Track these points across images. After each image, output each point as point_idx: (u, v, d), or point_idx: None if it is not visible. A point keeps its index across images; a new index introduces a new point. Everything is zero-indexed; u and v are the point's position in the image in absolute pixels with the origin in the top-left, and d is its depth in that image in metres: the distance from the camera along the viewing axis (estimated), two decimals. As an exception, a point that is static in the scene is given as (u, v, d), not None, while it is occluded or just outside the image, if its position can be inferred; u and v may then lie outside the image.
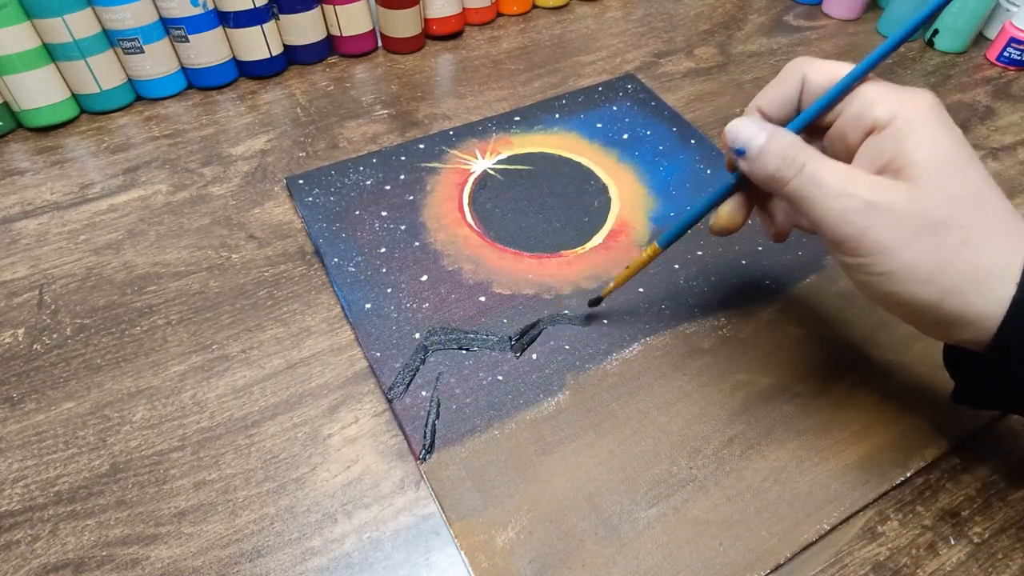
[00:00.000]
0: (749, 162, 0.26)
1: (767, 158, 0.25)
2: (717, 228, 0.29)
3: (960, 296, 0.23)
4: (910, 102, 0.24)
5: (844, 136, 0.26)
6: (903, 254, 0.23)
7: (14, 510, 0.29)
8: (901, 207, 0.23)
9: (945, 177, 0.23)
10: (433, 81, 0.54)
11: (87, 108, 0.50)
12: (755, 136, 0.25)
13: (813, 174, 0.24)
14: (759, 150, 0.25)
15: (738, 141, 0.26)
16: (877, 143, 0.24)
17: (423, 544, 0.29)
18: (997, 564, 0.29)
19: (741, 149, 0.26)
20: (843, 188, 0.23)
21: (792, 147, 0.24)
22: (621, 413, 0.32)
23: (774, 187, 0.25)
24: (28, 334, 0.36)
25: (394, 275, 0.38)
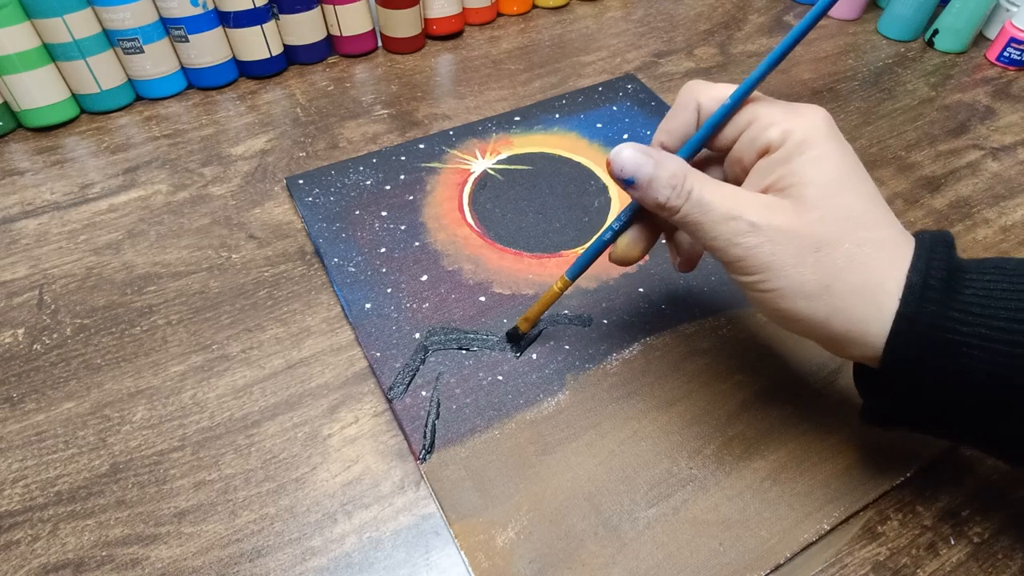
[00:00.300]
0: (639, 191, 0.25)
1: (657, 187, 0.24)
2: (616, 258, 0.29)
3: (847, 313, 0.23)
4: (802, 121, 0.24)
5: (741, 160, 0.26)
6: (788, 271, 0.23)
7: (14, 510, 0.29)
8: (785, 226, 0.23)
9: (830, 195, 0.23)
10: (433, 81, 0.54)
11: (87, 108, 0.50)
12: (642, 165, 0.25)
13: (700, 200, 0.24)
14: (648, 179, 0.25)
15: (625, 171, 0.25)
16: (767, 163, 0.24)
17: (423, 544, 0.29)
18: (997, 564, 0.29)
19: (630, 179, 0.25)
20: (729, 211, 0.24)
21: (679, 174, 0.24)
22: (621, 413, 0.32)
23: (665, 215, 0.25)
24: (28, 334, 0.36)
25: (394, 275, 0.38)
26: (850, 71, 0.56)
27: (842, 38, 0.59)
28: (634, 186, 0.25)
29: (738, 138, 0.26)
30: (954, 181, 0.46)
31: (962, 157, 0.48)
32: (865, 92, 0.54)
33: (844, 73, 0.55)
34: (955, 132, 0.50)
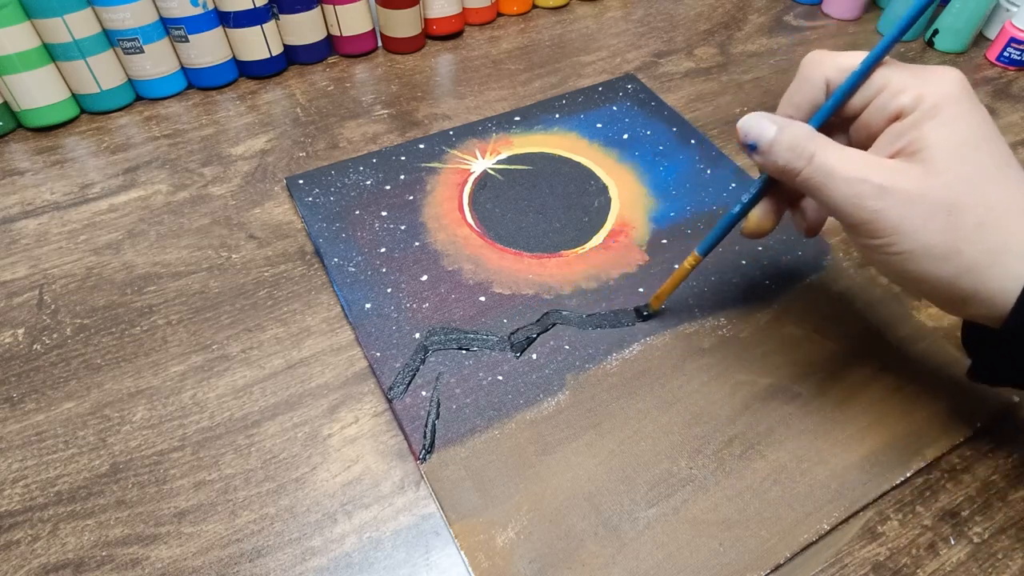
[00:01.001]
0: (761, 155, 0.26)
1: (778, 151, 0.25)
2: (748, 231, 0.30)
3: (976, 274, 0.23)
4: (935, 86, 0.24)
5: (869, 125, 0.26)
6: (918, 234, 0.23)
7: (14, 510, 0.29)
8: (913, 189, 0.23)
9: (959, 158, 0.23)
10: (433, 81, 0.54)
11: (87, 108, 0.50)
12: (765, 130, 0.26)
13: (823, 163, 0.24)
14: (769, 143, 0.25)
15: (749, 136, 0.26)
16: (896, 129, 0.24)
17: (423, 544, 0.29)
18: (997, 564, 0.29)
19: (753, 144, 0.26)
20: (853, 174, 0.24)
21: (801, 138, 0.25)
22: (621, 413, 0.32)
23: (787, 179, 0.26)
24: (28, 334, 0.36)
25: (394, 275, 0.38)
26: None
27: (842, 38, 0.59)
28: (757, 151, 0.26)
29: (866, 106, 0.26)
30: (954, 181, 0.46)
31: (962, 157, 0.48)
32: (865, 92, 0.54)
33: (844, 73, 0.55)
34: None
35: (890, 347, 0.35)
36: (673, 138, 0.48)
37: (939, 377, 0.34)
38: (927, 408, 0.33)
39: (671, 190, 0.44)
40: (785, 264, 0.39)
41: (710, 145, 0.47)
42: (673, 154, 0.46)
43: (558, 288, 0.38)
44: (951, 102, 0.24)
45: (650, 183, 0.44)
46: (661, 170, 0.45)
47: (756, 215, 0.29)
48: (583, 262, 0.39)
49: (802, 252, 0.40)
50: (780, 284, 0.38)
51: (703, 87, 0.54)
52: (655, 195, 0.43)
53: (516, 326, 0.36)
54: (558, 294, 0.37)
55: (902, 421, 0.32)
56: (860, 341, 0.35)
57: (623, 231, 0.41)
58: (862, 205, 0.24)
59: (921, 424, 0.32)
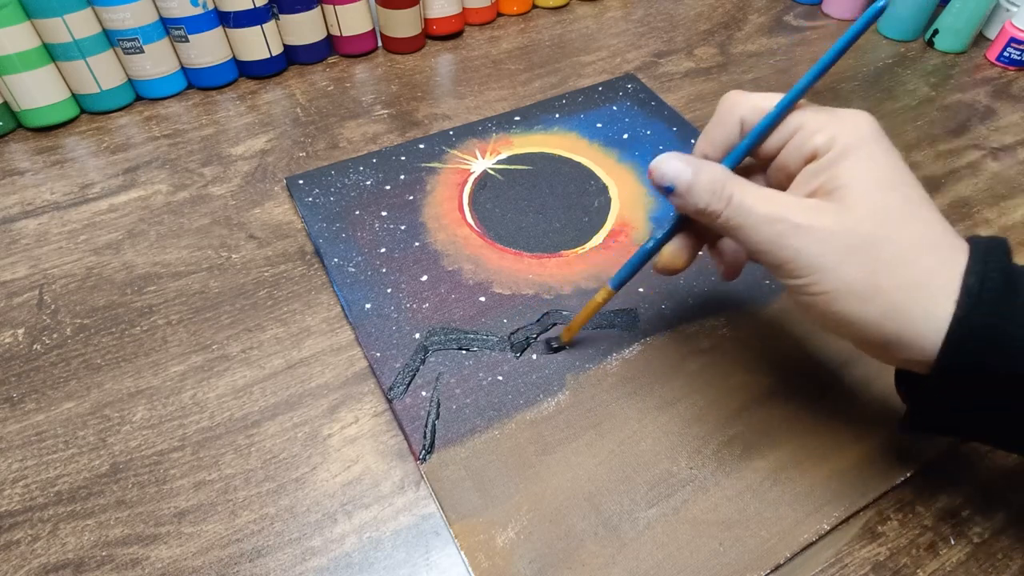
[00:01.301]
0: (679, 198, 0.25)
1: (697, 192, 0.25)
2: (660, 267, 0.29)
3: (899, 314, 0.23)
4: (849, 128, 0.24)
5: (786, 167, 0.26)
6: (838, 272, 0.23)
7: (14, 510, 0.29)
8: (831, 226, 0.23)
9: (874, 195, 0.23)
10: (433, 81, 0.54)
11: (87, 108, 0.50)
12: (681, 172, 0.25)
13: (741, 204, 0.24)
14: (688, 185, 0.25)
15: (665, 179, 0.26)
16: (812, 169, 0.24)
17: (423, 544, 0.29)
18: (997, 564, 0.29)
19: (670, 186, 0.25)
20: (772, 214, 0.24)
21: (719, 180, 0.25)
22: (621, 413, 0.32)
23: (706, 221, 0.25)
24: (28, 334, 0.36)
25: (394, 275, 0.38)
26: (850, 71, 0.56)
27: (842, 38, 0.59)
28: (674, 193, 0.25)
29: (783, 147, 0.26)
30: (954, 181, 0.46)
31: (962, 157, 0.48)
32: (865, 92, 0.54)
33: (844, 73, 0.55)
34: (955, 132, 0.50)
35: (890, 347, 0.35)
36: (673, 138, 0.48)
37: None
38: (927, 408, 0.33)
39: (671, 190, 0.44)
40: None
41: (710, 145, 0.47)
42: (673, 154, 0.46)
43: (558, 288, 0.38)
44: (864, 143, 0.24)
45: (650, 183, 0.44)
46: (661, 170, 0.45)
47: (669, 251, 0.29)
48: (583, 262, 0.39)
49: (802, 252, 0.40)
50: (780, 284, 0.38)
51: (703, 87, 0.54)
52: (655, 195, 0.43)
53: (516, 326, 0.36)
54: (558, 294, 0.37)
55: (902, 421, 0.32)
56: (860, 341, 0.35)
57: (623, 231, 0.41)
58: (781, 244, 0.23)
59: (921, 424, 0.32)
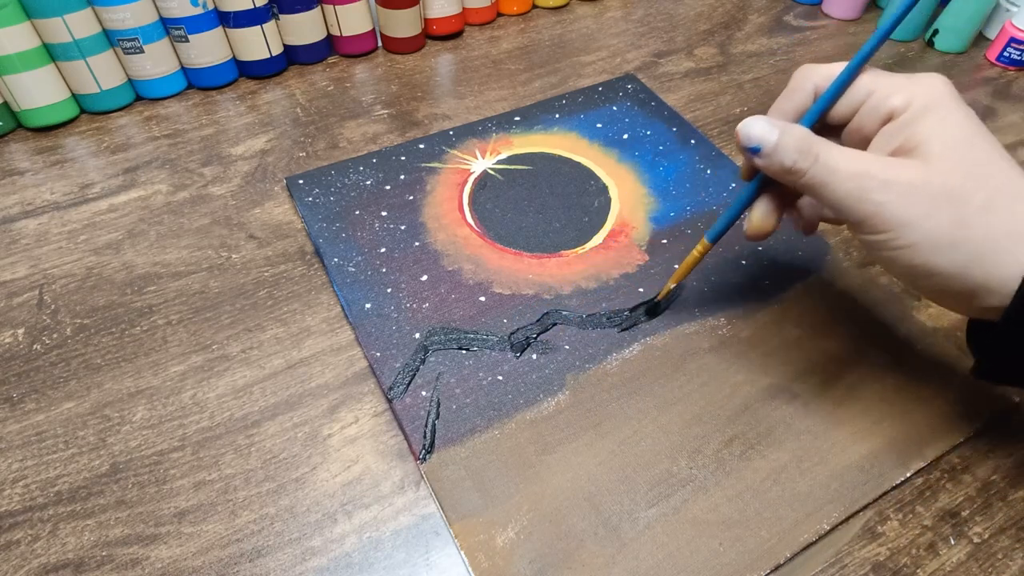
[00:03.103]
0: (764, 158, 0.26)
1: (783, 153, 0.26)
2: (751, 231, 0.30)
3: (984, 261, 0.23)
4: (924, 88, 0.25)
5: (861, 129, 0.27)
6: (923, 225, 0.23)
7: (14, 510, 0.29)
8: (916, 180, 0.24)
9: (957, 150, 0.24)
10: (433, 81, 0.54)
11: (87, 108, 0.50)
12: (768, 133, 0.26)
13: (827, 162, 0.25)
14: (774, 146, 0.26)
15: (752, 139, 0.26)
16: (891, 129, 0.25)
17: (423, 544, 0.29)
18: (997, 564, 0.29)
19: (756, 147, 0.26)
20: (856, 170, 0.24)
21: (805, 139, 0.25)
22: (621, 413, 0.32)
23: (791, 179, 0.26)
24: (28, 334, 0.36)
25: (394, 275, 0.38)
26: (850, 71, 0.56)
27: (842, 38, 0.59)
28: (760, 154, 0.26)
29: (854, 113, 0.27)
30: (954, 181, 0.46)
31: (962, 157, 0.48)
32: (865, 92, 0.54)
33: (844, 73, 0.55)
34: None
35: (890, 347, 0.35)
36: (673, 138, 0.48)
37: (939, 377, 0.34)
38: (927, 408, 0.33)
39: (671, 190, 0.44)
40: (785, 264, 0.39)
41: (710, 145, 0.47)
42: (673, 154, 0.46)
43: (558, 288, 0.38)
44: (942, 102, 0.25)
45: (650, 183, 0.44)
46: (661, 170, 0.45)
47: (758, 215, 0.29)
48: (583, 262, 0.39)
49: (802, 252, 0.40)
50: (780, 284, 0.38)
51: (703, 87, 0.54)
52: (655, 195, 0.43)
53: (516, 326, 0.36)
54: (558, 294, 0.37)
55: (902, 421, 0.32)
56: (860, 341, 0.35)
57: (623, 231, 0.41)
58: (866, 199, 0.24)
59: (921, 424, 0.32)
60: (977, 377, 0.27)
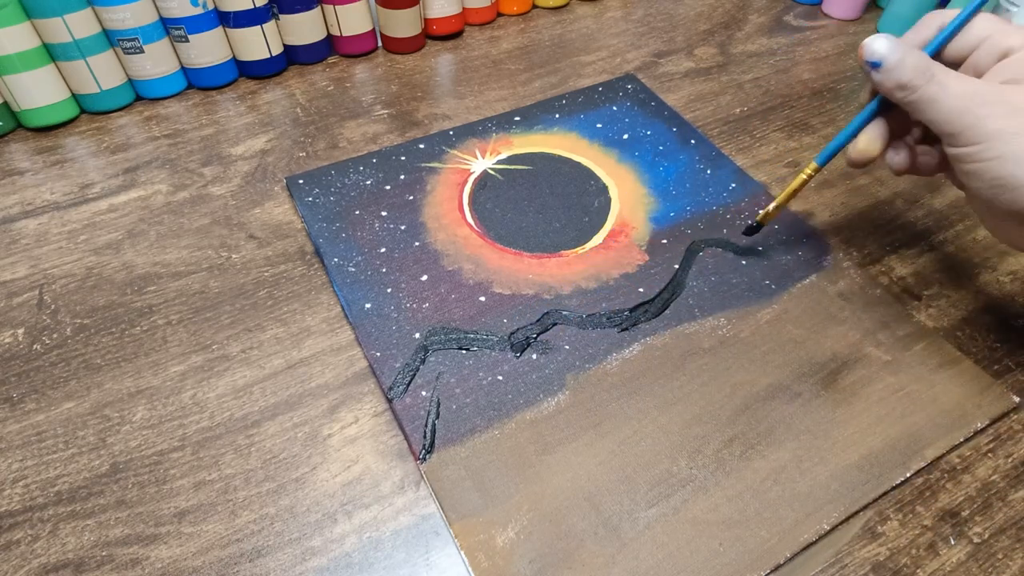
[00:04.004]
0: (883, 73, 0.28)
1: (901, 69, 0.28)
2: (855, 155, 0.32)
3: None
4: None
5: (977, 66, 0.29)
6: (1016, 139, 0.26)
7: (14, 510, 0.29)
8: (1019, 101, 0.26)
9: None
10: (433, 81, 0.54)
11: (87, 108, 0.50)
12: (892, 50, 0.28)
13: (942, 81, 0.27)
14: (895, 62, 0.28)
15: (875, 54, 0.28)
16: (1005, 64, 0.28)
17: (423, 544, 0.29)
18: (997, 564, 0.29)
19: (877, 62, 0.28)
20: (967, 90, 0.27)
21: (924, 60, 0.28)
22: (621, 413, 0.32)
23: (903, 96, 0.28)
24: (28, 334, 0.36)
25: (394, 275, 0.38)
26: (850, 71, 0.56)
27: (842, 38, 0.59)
28: (880, 68, 0.28)
29: (972, 51, 0.30)
30: (954, 181, 0.46)
31: (962, 157, 0.48)
32: (865, 92, 0.54)
33: (844, 73, 0.55)
34: (955, 132, 0.50)
35: (890, 347, 0.35)
36: (673, 138, 0.48)
37: (939, 377, 0.34)
38: (927, 408, 0.33)
39: (671, 190, 0.44)
40: (785, 264, 0.39)
41: (710, 145, 0.47)
42: (673, 154, 0.46)
43: (558, 288, 0.38)
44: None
45: (650, 183, 0.44)
46: (661, 170, 0.45)
47: (865, 139, 0.32)
48: (583, 262, 0.39)
49: (802, 252, 0.40)
50: (780, 284, 0.38)
51: (703, 87, 0.54)
52: (655, 195, 0.43)
53: (516, 326, 0.36)
54: (558, 294, 0.37)
55: (902, 421, 0.32)
56: (860, 341, 0.35)
57: (623, 231, 0.41)
58: (970, 111, 0.27)
59: (921, 424, 0.32)
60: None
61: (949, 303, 0.38)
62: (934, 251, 0.41)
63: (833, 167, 0.47)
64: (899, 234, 0.42)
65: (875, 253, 0.41)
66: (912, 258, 0.41)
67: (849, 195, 0.45)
